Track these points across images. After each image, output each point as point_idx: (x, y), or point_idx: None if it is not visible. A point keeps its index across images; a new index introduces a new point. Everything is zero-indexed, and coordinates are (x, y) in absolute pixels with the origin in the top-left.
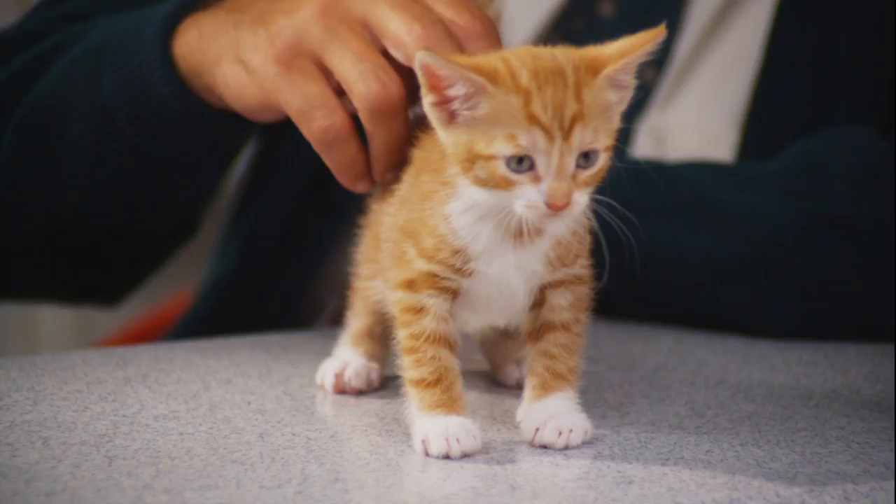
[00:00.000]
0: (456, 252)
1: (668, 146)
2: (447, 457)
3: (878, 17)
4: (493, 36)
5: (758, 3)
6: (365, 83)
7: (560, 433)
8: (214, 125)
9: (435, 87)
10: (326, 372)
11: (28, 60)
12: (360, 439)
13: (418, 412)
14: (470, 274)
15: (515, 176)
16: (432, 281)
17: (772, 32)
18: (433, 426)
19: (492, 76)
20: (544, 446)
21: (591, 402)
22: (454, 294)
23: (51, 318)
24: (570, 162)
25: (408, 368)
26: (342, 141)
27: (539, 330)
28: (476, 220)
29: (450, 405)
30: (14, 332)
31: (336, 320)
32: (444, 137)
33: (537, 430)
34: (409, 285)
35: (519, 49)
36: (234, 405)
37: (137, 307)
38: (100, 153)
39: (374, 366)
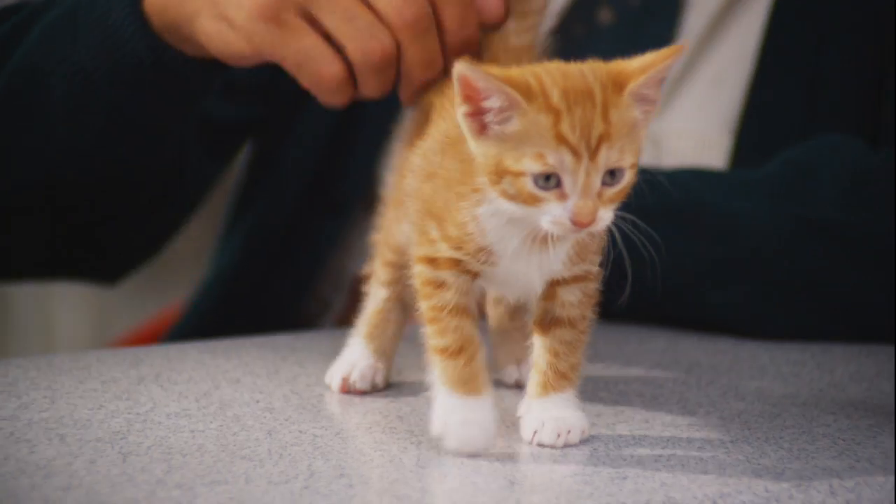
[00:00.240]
0: (481, 249)
1: (663, 151)
2: (461, 452)
3: (868, 28)
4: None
5: (752, 11)
6: (360, 42)
7: (559, 435)
8: (192, 75)
9: (470, 98)
10: (335, 374)
11: (5, 30)
12: (364, 437)
13: (441, 385)
14: (493, 265)
15: (542, 193)
16: (454, 263)
17: (765, 41)
18: (454, 414)
19: (525, 92)
20: (543, 445)
21: (587, 400)
22: (475, 275)
23: (67, 319)
24: (596, 180)
25: (431, 337)
26: (342, 86)
27: (547, 323)
28: (505, 223)
29: (471, 383)
30: (32, 332)
31: (343, 321)
32: (475, 148)
33: (536, 431)
34: (431, 262)
35: (549, 65)
36: (244, 403)
37: (152, 308)
38: (82, 114)
39: (381, 367)
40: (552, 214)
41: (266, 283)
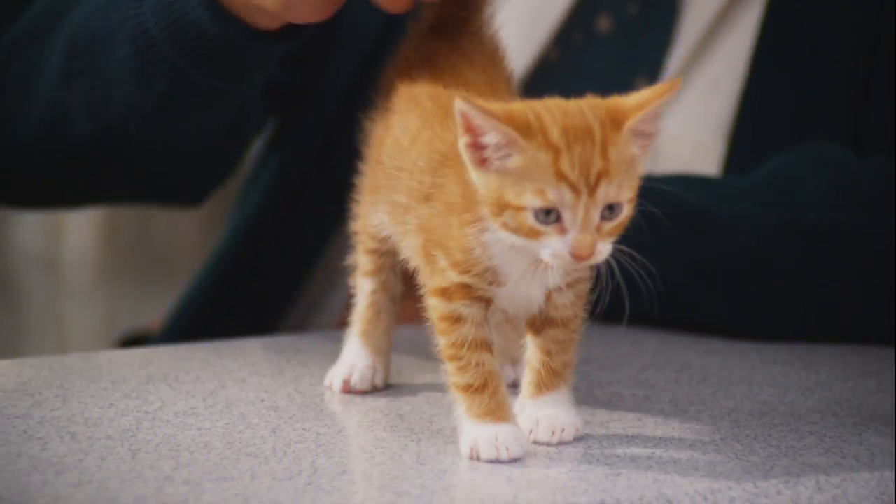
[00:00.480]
0: (487, 269)
1: (660, 156)
2: (497, 461)
3: (858, 37)
4: None
5: (744, 20)
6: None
7: (553, 432)
8: (253, 45)
9: (470, 131)
10: (335, 377)
11: None
12: (365, 434)
13: (467, 419)
14: (500, 285)
15: (543, 227)
16: (466, 291)
17: (757, 49)
18: (482, 434)
19: (524, 130)
20: (538, 443)
21: (581, 399)
22: (487, 302)
23: (79, 320)
24: (595, 215)
25: (453, 374)
26: None
27: (540, 324)
28: (509, 249)
29: (497, 412)
30: (45, 333)
31: (343, 323)
32: (476, 178)
33: (531, 430)
34: (444, 293)
35: (549, 102)
36: (249, 402)
37: (161, 309)
38: (145, 75)
39: (380, 367)
40: (552, 248)
41: (265, 265)
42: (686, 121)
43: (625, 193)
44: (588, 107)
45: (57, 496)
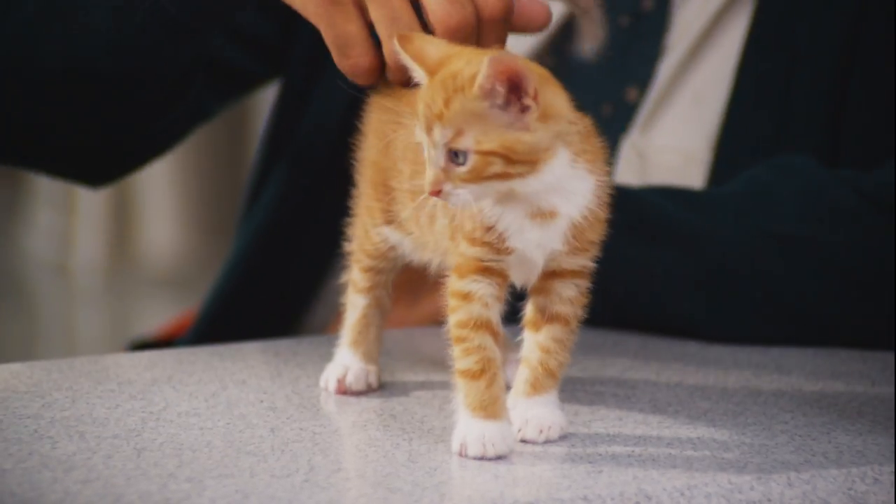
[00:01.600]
0: (488, 229)
1: (649, 165)
2: (483, 457)
3: (837, 51)
4: (506, 26)
5: (730, 34)
6: (387, 25)
7: (541, 431)
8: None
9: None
10: (330, 377)
11: None
12: (360, 434)
13: (463, 411)
14: (508, 252)
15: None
16: (476, 264)
17: (741, 62)
18: (472, 431)
19: (430, 66)
20: (526, 441)
21: (565, 400)
22: (500, 277)
23: (88, 326)
24: (437, 155)
25: (457, 359)
26: (370, 74)
27: (542, 320)
28: (497, 203)
29: (491, 407)
30: (56, 338)
31: (336, 329)
32: None
33: (520, 429)
34: (458, 269)
35: (474, 50)
36: (249, 403)
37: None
38: (127, 9)
39: (372, 368)
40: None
41: (281, 267)
42: (674, 130)
43: (467, 142)
44: (479, 61)
45: (66, 492)
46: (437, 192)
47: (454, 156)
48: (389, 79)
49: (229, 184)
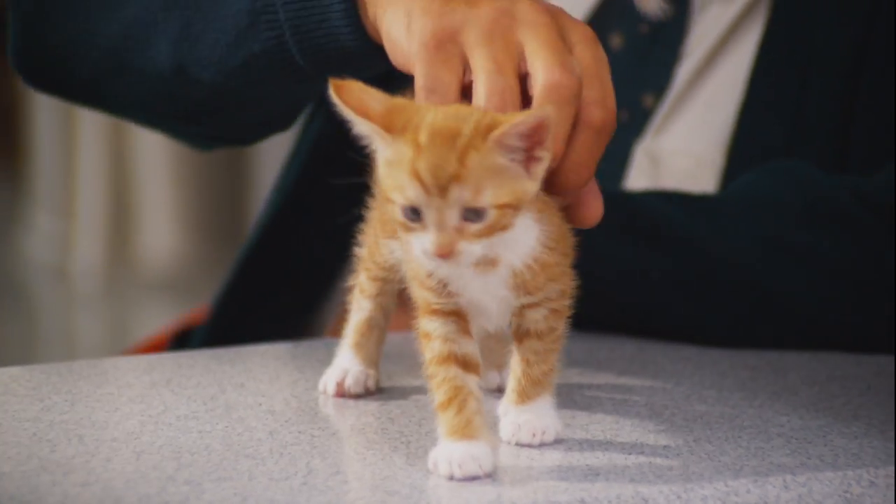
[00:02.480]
0: (429, 275)
1: (662, 169)
2: (451, 478)
3: (848, 59)
4: (608, 130)
5: (745, 41)
6: (489, 95)
7: (534, 434)
8: (366, 56)
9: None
10: (329, 380)
11: None
12: (358, 437)
13: (441, 437)
14: (453, 296)
15: (410, 223)
16: (427, 306)
17: (754, 69)
18: (441, 452)
19: (388, 124)
20: (520, 444)
21: (562, 404)
22: (456, 316)
23: (87, 329)
24: (451, 216)
25: (431, 394)
26: None
27: (520, 335)
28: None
29: (463, 430)
30: (55, 341)
31: (337, 332)
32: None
33: (514, 433)
34: (420, 311)
35: (449, 107)
36: (247, 406)
37: (165, 320)
38: (248, 35)
39: (371, 372)
40: (419, 244)
41: (289, 271)
42: (687, 135)
43: (486, 199)
44: (473, 116)
45: (65, 495)
46: (447, 254)
47: (471, 214)
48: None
49: (227, 189)
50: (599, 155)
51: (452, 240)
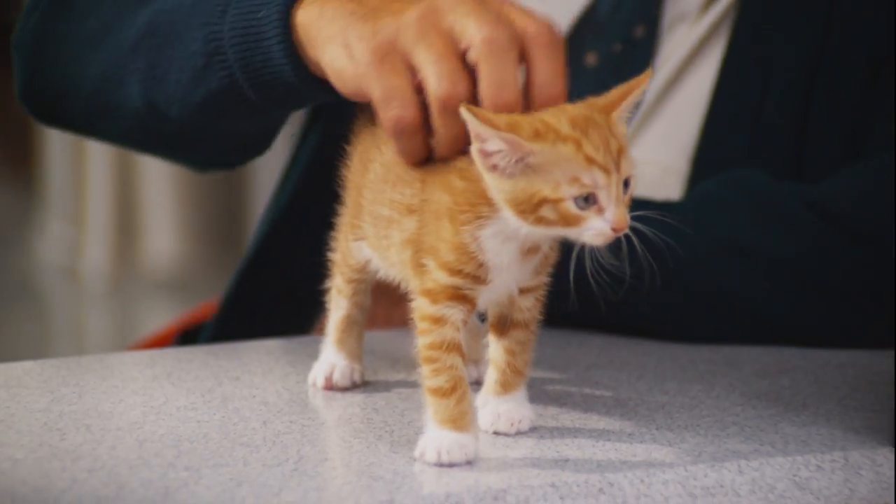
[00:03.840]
0: (480, 265)
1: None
2: (439, 464)
3: (803, 76)
4: (558, 44)
5: (708, 60)
6: (438, 81)
7: (512, 424)
8: (310, 90)
9: (476, 137)
10: (317, 374)
11: None
12: (345, 426)
13: (432, 422)
14: (486, 283)
15: (582, 213)
16: (452, 292)
17: (717, 85)
18: (431, 439)
19: (532, 134)
20: (498, 433)
21: (535, 395)
22: (471, 304)
23: (95, 326)
24: (621, 189)
25: (427, 378)
26: (410, 132)
27: (504, 327)
28: (502, 242)
29: (458, 421)
30: (65, 337)
31: (323, 330)
32: (492, 182)
33: (492, 423)
34: (430, 295)
35: (547, 109)
36: (242, 398)
37: (169, 317)
38: (204, 74)
39: (357, 366)
40: (594, 228)
41: (292, 270)
42: (655, 146)
43: (633, 167)
44: (576, 106)
45: (73, 480)
46: (625, 226)
47: (624, 186)
48: (436, 149)
49: (226, 196)
50: (562, 65)
51: (625, 211)
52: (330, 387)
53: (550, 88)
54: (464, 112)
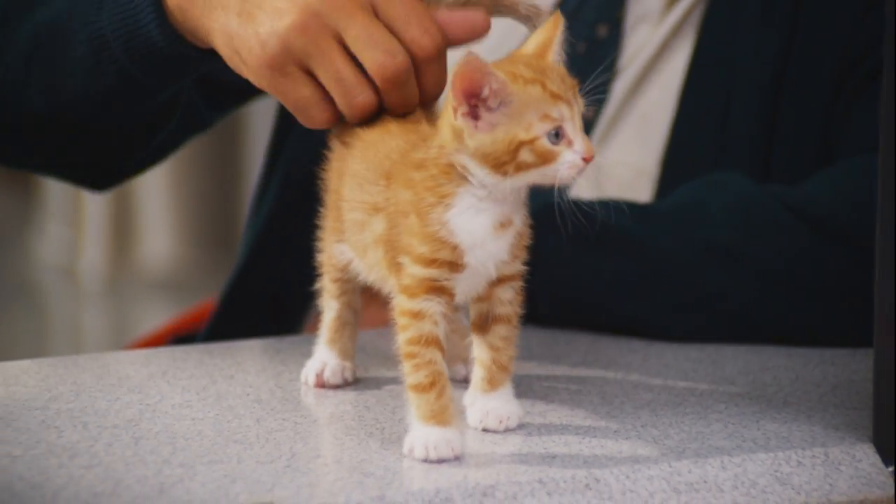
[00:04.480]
0: (454, 248)
1: (604, 178)
2: (426, 460)
3: (769, 78)
4: (443, 59)
5: (675, 61)
6: (346, 97)
7: (500, 421)
8: (202, 63)
9: (468, 93)
10: (309, 372)
11: None
12: (337, 423)
13: (415, 419)
14: (462, 269)
15: (555, 147)
16: (429, 284)
17: (685, 86)
18: (419, 436)
19: (511, 77)
20: (487, 430)
21: (522, 393)
22: (449, 295)
23: (92, 326)
24: (581, 121)
25: (408, 374)
26: (332, 124)
27: (486, 322)
28: (474, 216)
29: (440, 415)
30: (63, 336)
31: (315, 329)
32: (474, 143)
33: (482, 420)
34: (408, 290)
35: (500, 60)
36: (236, 396)
37: (165, 317)
38: (98, 72)
39: (348, 364)
40: (567, 161)
41: (281, 271)
42: (625, 147)
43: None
44: (517, 56)
45: (70, 477)
46: (593, 155)
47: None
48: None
49: (221, 197)
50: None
51: (589, 140)
52: (321, 384)
53: (468, 17)
54: (470, 57)
